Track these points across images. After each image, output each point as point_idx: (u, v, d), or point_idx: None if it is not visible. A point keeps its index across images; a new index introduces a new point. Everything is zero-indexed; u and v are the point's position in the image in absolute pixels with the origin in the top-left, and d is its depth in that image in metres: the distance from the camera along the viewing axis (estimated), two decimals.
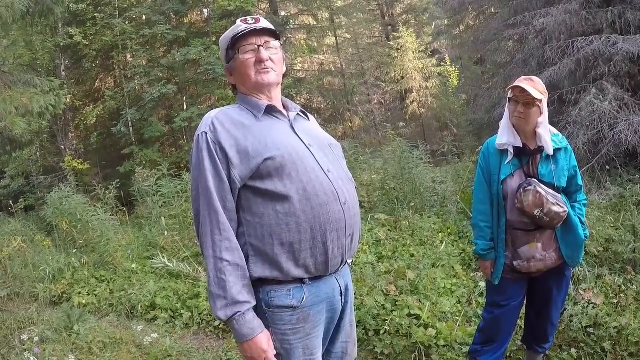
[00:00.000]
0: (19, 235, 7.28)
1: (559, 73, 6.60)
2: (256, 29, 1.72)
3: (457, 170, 7.06)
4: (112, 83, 15.51)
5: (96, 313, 5.04)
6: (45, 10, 7.47)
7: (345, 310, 1.84)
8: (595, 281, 3.63)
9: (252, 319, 1.58)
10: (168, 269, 5.46)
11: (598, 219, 4.49)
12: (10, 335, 4.54)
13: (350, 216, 1.69)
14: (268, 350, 1.59)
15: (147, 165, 10.54)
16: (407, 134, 16.32)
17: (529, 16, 7.46)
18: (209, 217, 1.61)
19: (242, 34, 1.72)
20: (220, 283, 1.56)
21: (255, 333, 1.57)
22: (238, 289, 1.56)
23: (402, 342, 3.35)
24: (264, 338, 1.59)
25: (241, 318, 1.56)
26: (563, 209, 2.36)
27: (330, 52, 19.81)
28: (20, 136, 8.81)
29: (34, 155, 14.29)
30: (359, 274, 4.23)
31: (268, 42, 1.74)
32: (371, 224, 5.69)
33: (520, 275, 2.53)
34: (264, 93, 1.77)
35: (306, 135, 1.76)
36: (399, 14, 22.09)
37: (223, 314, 1.56)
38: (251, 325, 1.57)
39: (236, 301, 1.55)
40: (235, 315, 1.55)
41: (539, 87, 2.35)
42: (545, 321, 2.67)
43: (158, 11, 13.80)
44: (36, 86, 7.13)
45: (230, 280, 1.56)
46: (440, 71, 19.80)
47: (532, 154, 2.44)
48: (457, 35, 16.63)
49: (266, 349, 1.59)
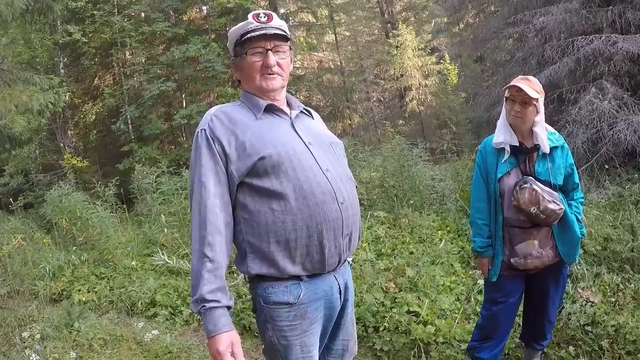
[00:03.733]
0: (18, 233, 7.28)
1: (559, 72, 6.62)
2: (267, 33, 1.69)
3: (456, 168, 7.08)
4: (111, 80, 15.49)
5: (96, 310, 5.05)
6: (44, 7, 7.47)
7: (346, 308, 1.85)
8: (593, 280, 3.65)
9: (218, 317, 1.55)
10: (168, 266, 5.47)
11: (597, 218, 4.51)
12: (10, 332, 4.55)
13: (348, 216, 1.69)
14: (223, 353, 1.53)
15: (146, 162, 10.54)
16: (406, 131, 16.35)
17: (529, 14, 7.47)
18: (198, 212, 1.61)
19: (252, 37, 1.69)
20: (197, 277, 1.56)
21: (217, 331, 1.54)
22: (211, 287, 1.55)
23: (401, 339, 3.37)
24: (224, 338, 1.54)
25: (207, 313, 1.54)
26: (559, 206, 2.39)
27: (329, 50, 19.78)
28: (20, 134, 8.80)
29: (33, 153, 14.29)
30: (359, 271, 4.25)
31: (278, 45, 1.73)
32: (370, 221, 5.71)
33: (517, 273, 2.55)
34: (268, 96, 1.77)
35: (307, 133, 1.76)
36: (399, 12, 22.05)
37: (194, 307, 1.57)
38: (215, 323, 1.54)
39: (204, 299, 1.54)
40: (201, 309, 1.55)
41: (535, 87, 2.38)
42: (542, 318, 2.69)
43: (157, 8, 13.77)
44: (35, 84, 7.13)
45: (205, 277, 1.55)
46: (440, 69, 19.77)
47: (529, 152, 2.46)
48: (456, 33, 16.61)
49: (221, 351, 1.52)
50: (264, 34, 1.69)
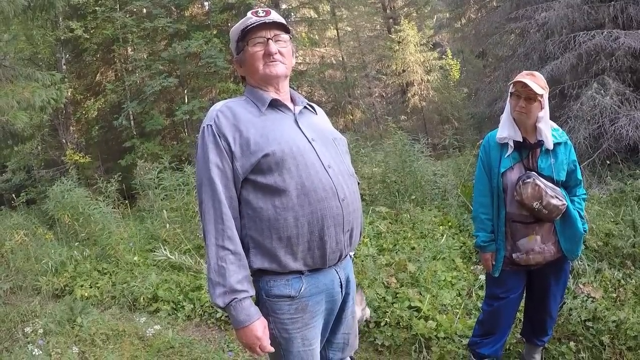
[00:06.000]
0: (21, 229, 7.30)
1: (561, 67, 6.60)
2: (266, 22, 1.73)
3: (458, 163, 7.07)
4: (113, 76, 15.45)
5: (99, 305, 5.07)
6: (46, 4, 7.45)
7: (347, 302, 1.86)
8: (594, 275, 3.65)
9: (249, 306, 1.60)
10: (170, 261, 5.49)
11: (598, 214, 4.51)
12: (13, 328, 4.58)
13: (349, 212, 1.70)
14: (262, 338, 1.62)
15: (148, 158, 10.52)
16: (408, 127, 16.31)
17: (531, 10, 7.46)
18: (213, 207, 1.63)
19: (252, 27, 1.72)
20: (220, 270, 1.58)
21: (252, 320, 1.60)
22: (237, 277, 1.59)
23: (402, 334, 3.38)
24: (259, 325, 1.61)
25: (238, 305, 1.58)
26: (562, 202, 2.39)
27: (331, 45, 19.71)
28: (22, 130, 8.82)
29: (35, 149, 14.28)
30: (360, 266, 4.26)
31: (278, 35, 1.75)
32: (372, 216, 5.72)
33: (519, 268, 2.55)
34: (272, 85, 1.78)
35: (310, 129, 1.77)
36: (400, 7, 21.92)
37: (221, 301, 1.58)
38: (248, 312, 1.59)
39: (234, 289, 1.57)
40: (233, 302, 1.58)
41: (540, 82, 2.37)
42: (544, 314, 2.70)
43: (159, 4, 13.72)
44: (37, 80, 7.13)
45: (231, 269, 1.58)
46: (442, 64, 19.69)
47: (532, 147, 2.46)
48: (458, 28, 16.56)
49: (260, 336, 1.61)
50: (264, 23, 1.72)
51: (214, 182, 1.63)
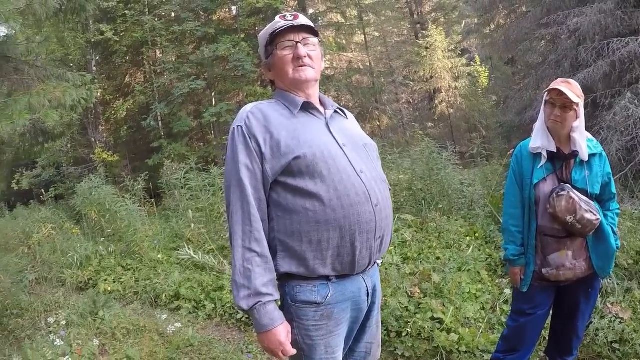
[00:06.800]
0: (49, 223, 7.50)
1: (593, 75, 6.42)
2: (294, 25, 1.72)
3: (485, 173, 6.94)
4: (142, 78, 15.74)
5: (121, 300, 5.15)
6: (77, 7, 7.60)
7: (372, 311, 1.83)
8: (623, 295, 3.50)
9: (272, 310, 1.58)
10: (193, 260, 5.54)
11: (630, 230, 4.33)
12: (37, 317, 4.70)
13: (382, 218, 1.67)
14: (285, 343, 1.59)
15: (175, 158, 10.69)
16: (435, 134, 16.15)
17: (562, 15, 7.28)
18: (241, 208, 1.62)
19: (281, 30, 1.72)
20: (245, 273, 1.57)
21: (275, 324, 1.57)
22: (263, 280, 1.57)
23: (423, 346, 3.32)
24: (283, 330, 1.59)
25: (262, 308, 1.56)
26: (596, 216, 2.30)
27: (358, 50, 19.66)
28: (53, 128, 9.03)
29: (65, 147, 14.64)
30: (384, 275, 4.20)
31: (306, 38, 1.74)
32: (397, 224, 5.64)
33: (548, 284, 2.46)
34: (302, 90, 1.77)
35: (341, 134, 1.75)
36: (428, 12, 21.78)
37: (245, 304, 1.56)
38: (271, 316, 1.57)
39: (259, 292, 1.56)
40: (257, 305, 1.56)
41: (576, 91, 2.29)
42: (570, 333, 2.60)
43: (187, 8, 13.95)
44: (69, 80, 7.28)
45: (257, 272, 1.57)
46: (470, 71, 19.40)
47: (566, 158, 2.37)
48: (487, 34, 16.29)
49: (283, 341, 1.58)
50: (292, 26, 1.72)
51: (243, 183, 1.62)
